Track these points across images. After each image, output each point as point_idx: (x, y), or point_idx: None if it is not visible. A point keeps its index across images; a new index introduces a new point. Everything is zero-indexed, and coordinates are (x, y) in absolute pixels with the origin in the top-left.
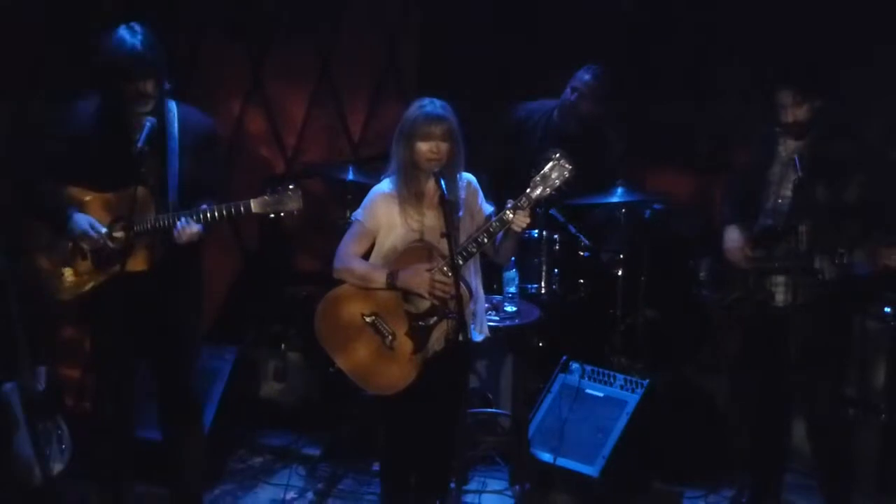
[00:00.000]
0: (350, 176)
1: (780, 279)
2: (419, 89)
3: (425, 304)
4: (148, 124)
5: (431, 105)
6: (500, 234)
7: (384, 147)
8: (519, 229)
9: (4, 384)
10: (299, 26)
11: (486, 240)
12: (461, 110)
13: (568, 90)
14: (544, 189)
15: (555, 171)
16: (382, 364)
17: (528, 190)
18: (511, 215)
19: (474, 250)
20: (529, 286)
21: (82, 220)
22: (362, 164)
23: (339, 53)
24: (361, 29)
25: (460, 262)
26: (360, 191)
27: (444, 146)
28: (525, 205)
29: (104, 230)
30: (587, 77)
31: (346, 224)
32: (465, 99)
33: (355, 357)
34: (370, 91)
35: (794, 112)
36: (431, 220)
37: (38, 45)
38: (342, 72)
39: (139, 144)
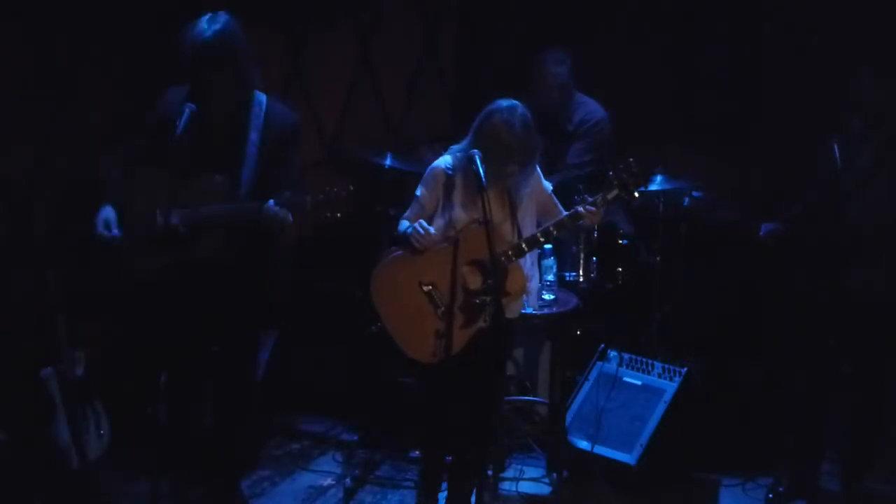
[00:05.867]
0: (389, 162)
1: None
2: (457, 76)
3: (480, 282)
4: (187, 111)
5: (526, 126)
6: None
7: (423, 132)
8: (590, 225)
9: (42, 369)
10: (339, 11)
11: (556, 231)
12: (501, 96)
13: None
14: (620, 192)
15: (629, 175)
16: (430, 332)
17: (605, 192)
18: (583, 211)
19: (543, 240)
20: (567, 274)
21: (100, 218)
22: (401, 150)
23: (378, 40)
24: (401, 15)
25: (526, 249)
26: (399, 177)
27: None
28: (600, 204)
29: (116, 232)
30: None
31: (384, 214)
32: (504, 85)
33: (404, 319)
34: (409, 77)
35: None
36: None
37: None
38: (381, 58)
39: (177, 132)
